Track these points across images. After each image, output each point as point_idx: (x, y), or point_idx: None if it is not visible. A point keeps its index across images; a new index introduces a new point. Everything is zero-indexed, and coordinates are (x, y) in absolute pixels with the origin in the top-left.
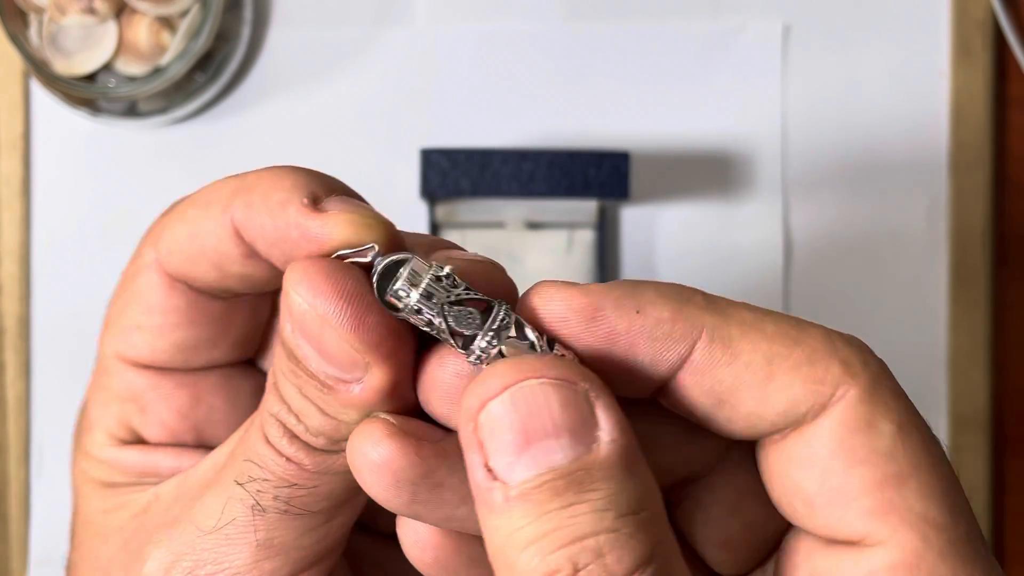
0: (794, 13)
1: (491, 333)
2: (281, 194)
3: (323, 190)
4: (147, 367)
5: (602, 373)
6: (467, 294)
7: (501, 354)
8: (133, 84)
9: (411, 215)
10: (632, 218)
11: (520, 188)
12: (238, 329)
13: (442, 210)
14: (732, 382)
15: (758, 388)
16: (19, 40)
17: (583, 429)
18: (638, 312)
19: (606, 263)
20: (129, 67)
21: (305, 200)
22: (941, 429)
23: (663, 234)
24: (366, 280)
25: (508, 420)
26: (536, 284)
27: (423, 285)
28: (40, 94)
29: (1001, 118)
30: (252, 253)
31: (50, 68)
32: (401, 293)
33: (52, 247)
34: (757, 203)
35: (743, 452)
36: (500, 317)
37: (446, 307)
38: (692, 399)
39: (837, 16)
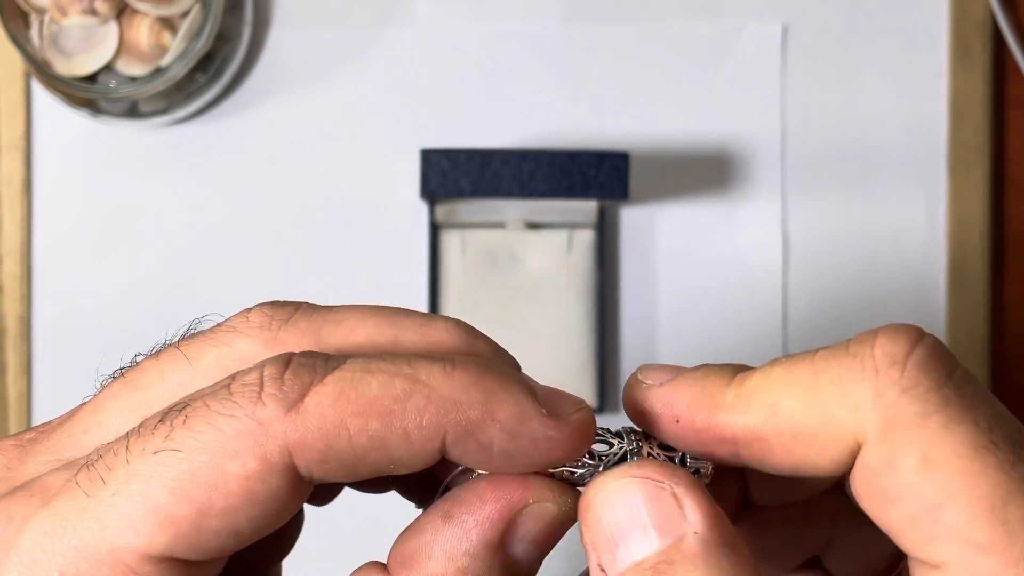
0: (794, 13)
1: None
2: (514, 409)
3: (536, 391)
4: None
5: None
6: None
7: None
8: (134, 85)
9: (411, 215)
10: (632, 218)
11: (520, 188)
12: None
13: (442, 210)
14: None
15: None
16: (20, 41)
17: (669, 524)
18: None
19: (606, 263)
20: (130, 68)
21: (544, 411)
22: None
23: (663, 234)
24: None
25: (604, 521)
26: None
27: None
28: (41, 95)
29: (1000, 118)
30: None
31: (51, 69)
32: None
33: (52, 247)
34: (756, 203)
35: None
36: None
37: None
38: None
39: (837, 16)
